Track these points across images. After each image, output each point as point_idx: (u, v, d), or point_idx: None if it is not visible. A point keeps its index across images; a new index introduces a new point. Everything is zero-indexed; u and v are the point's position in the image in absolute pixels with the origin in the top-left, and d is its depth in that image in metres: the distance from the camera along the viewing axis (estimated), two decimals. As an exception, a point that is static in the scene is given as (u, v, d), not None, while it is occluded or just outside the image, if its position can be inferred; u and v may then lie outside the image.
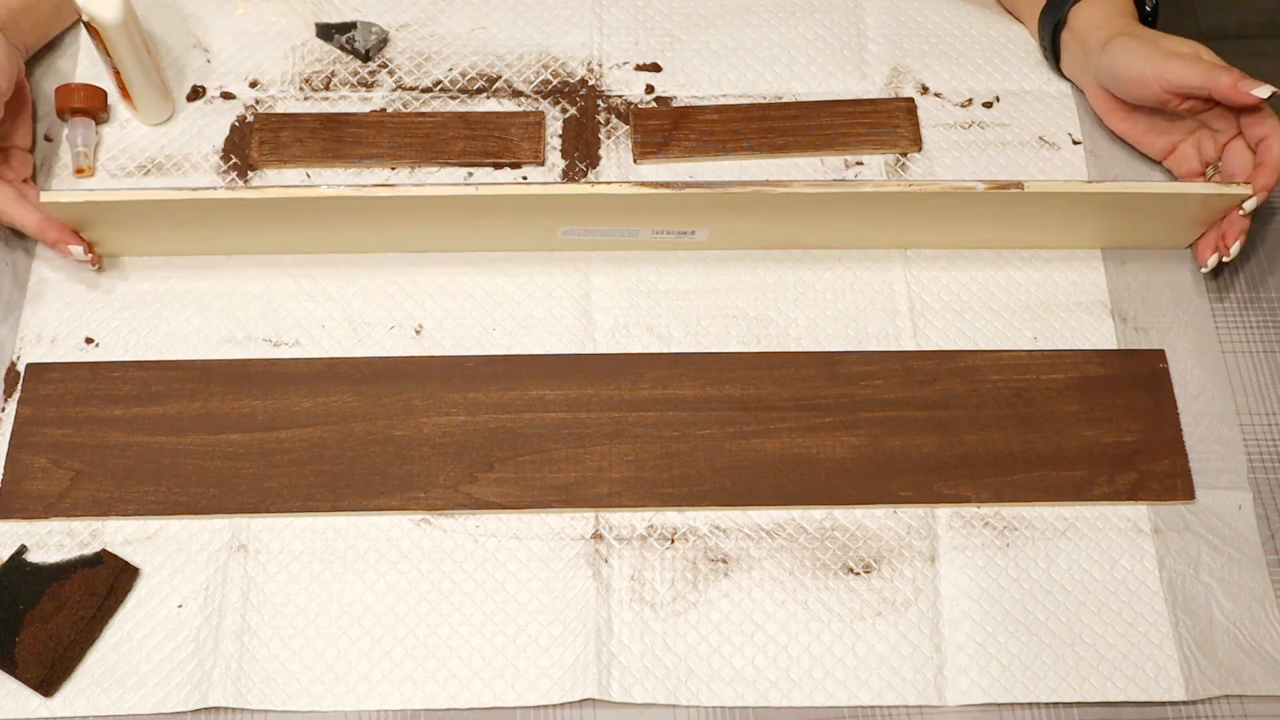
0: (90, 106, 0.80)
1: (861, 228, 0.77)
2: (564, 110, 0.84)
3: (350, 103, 0.83)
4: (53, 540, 0.69)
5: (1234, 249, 0.74)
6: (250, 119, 0.82)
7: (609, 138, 0.82)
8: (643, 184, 0.71)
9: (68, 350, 0.75)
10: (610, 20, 0.87)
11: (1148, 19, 0.80)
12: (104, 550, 0.69)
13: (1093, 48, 0.79)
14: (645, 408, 0.73)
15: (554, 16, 0.87)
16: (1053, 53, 0.84)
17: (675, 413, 0.73)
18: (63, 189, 0.78)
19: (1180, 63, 0.73)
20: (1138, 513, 0.72)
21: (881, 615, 0.69)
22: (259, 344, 0.75)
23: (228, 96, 0.83)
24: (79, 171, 0.79)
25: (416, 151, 0.81)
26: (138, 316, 0.76)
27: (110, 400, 0.73)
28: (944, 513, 0.72)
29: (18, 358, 0.74)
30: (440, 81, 0.84)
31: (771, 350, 0.75)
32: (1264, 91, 0.71)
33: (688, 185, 0.71)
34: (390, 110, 0.83)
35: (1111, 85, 0.78)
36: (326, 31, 0.86)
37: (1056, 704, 0.67)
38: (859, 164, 0.82)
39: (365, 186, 0.70)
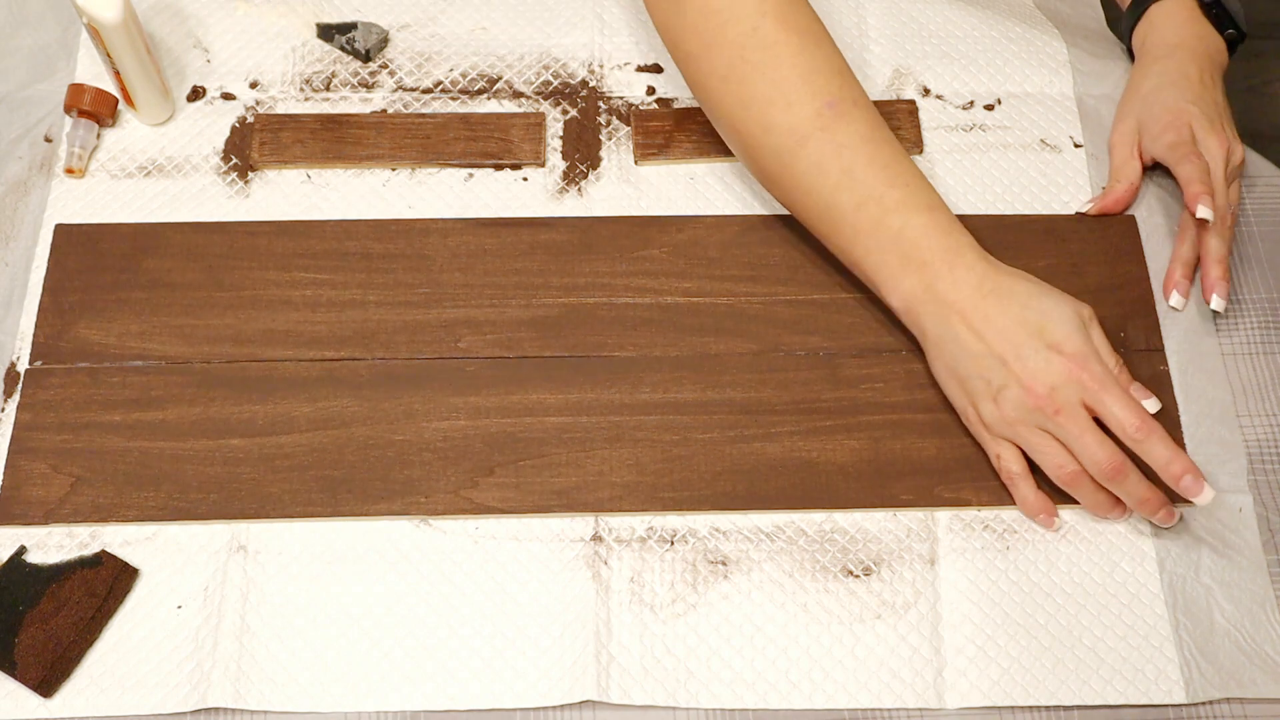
0: (96, 110, 0.80)
1: None
2: (565, 112, 0.83)
3: (351, 103, 0.83)
4: (52, 541, 0.69)
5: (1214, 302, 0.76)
6: (251, 120, 0.82)
7: (610, 139, 0.82)
8: None
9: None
10: (611, 19, 0.87)
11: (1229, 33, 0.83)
12: (103, 551, 0.69)
13: (1145, 56, 0.81)
14: (645, 411, 0.73)
15: (554, 16, 0.87)
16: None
17: (676, 416, 0.73)
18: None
19: (1166, 139, 0.77)
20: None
21: (881, 618, 0.69)
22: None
23: (228, 97, 0.83)
24: (69, 171, 0.80)
25: (417, 152, 0.81)
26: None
27: (110, 405, 0.73)
28: (944, 515, 0.71)
29: (17, 358, 0.74)
30: (441, 82, 0.84)
31: (772, 353, 0.76)
32: (1206, 214, 0.74)
33: None
34: (391, 111, 0.83)
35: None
36: (327, 32, 0.85)
37: (1056, 707, 0.67)
38: (860, 165, 0.82)
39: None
